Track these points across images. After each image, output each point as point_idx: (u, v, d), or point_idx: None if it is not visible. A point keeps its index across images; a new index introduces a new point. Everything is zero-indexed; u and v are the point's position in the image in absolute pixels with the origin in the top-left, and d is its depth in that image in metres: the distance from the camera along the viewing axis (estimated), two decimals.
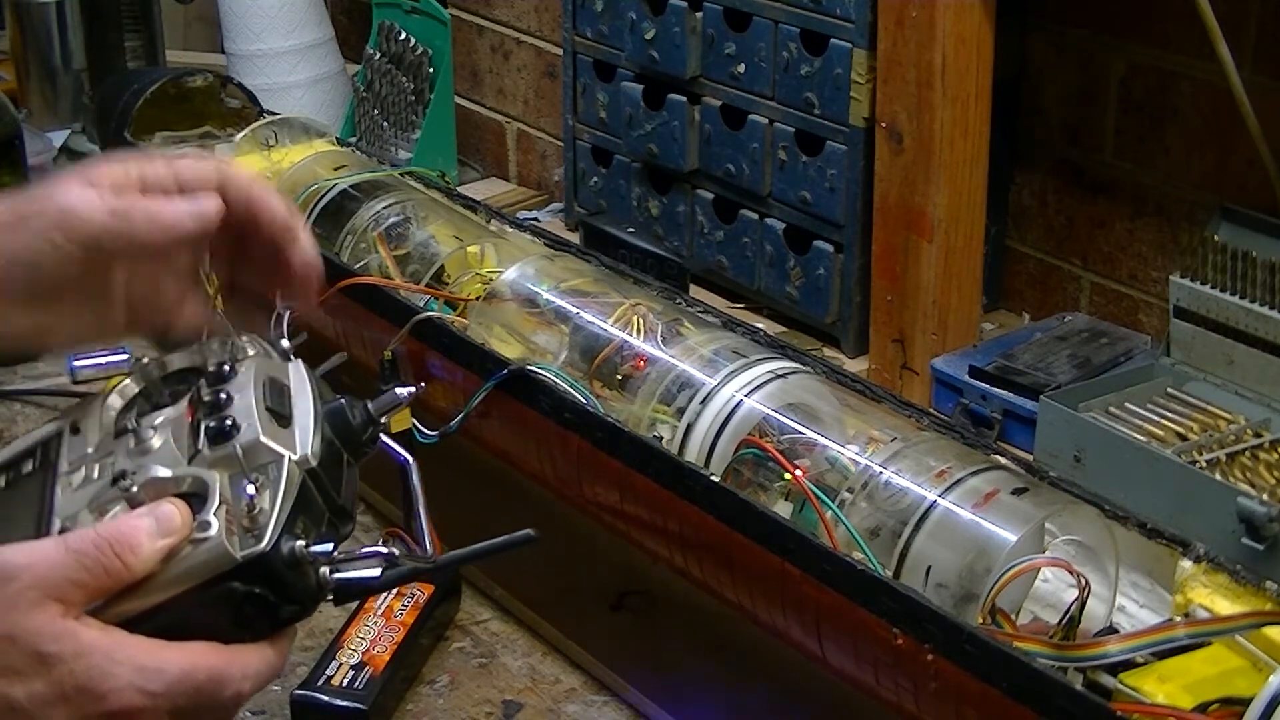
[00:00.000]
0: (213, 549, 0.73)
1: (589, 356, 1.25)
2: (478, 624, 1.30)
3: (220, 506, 0.74)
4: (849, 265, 1.74)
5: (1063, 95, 1.72)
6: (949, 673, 0.92)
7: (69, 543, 0.73)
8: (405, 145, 2.24)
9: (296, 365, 0.84)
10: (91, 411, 0.84)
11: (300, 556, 0.75)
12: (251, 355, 0.84)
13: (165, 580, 0.74)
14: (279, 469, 0.76)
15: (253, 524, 0.74)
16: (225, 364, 0.81)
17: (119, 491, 0.76)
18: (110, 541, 0.72)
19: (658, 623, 1.24)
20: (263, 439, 0.76)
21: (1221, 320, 1.47)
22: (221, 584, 0.74)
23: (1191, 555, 0.97)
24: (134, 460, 0.78)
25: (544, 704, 1.21)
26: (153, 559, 0.73)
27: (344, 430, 0.82)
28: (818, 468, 1.10)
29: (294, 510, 0.75)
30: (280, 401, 0.79)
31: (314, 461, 0.77)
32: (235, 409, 0.78)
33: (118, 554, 0.72)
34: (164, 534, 0.73)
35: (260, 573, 0.74)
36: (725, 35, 1.81)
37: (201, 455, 0.77)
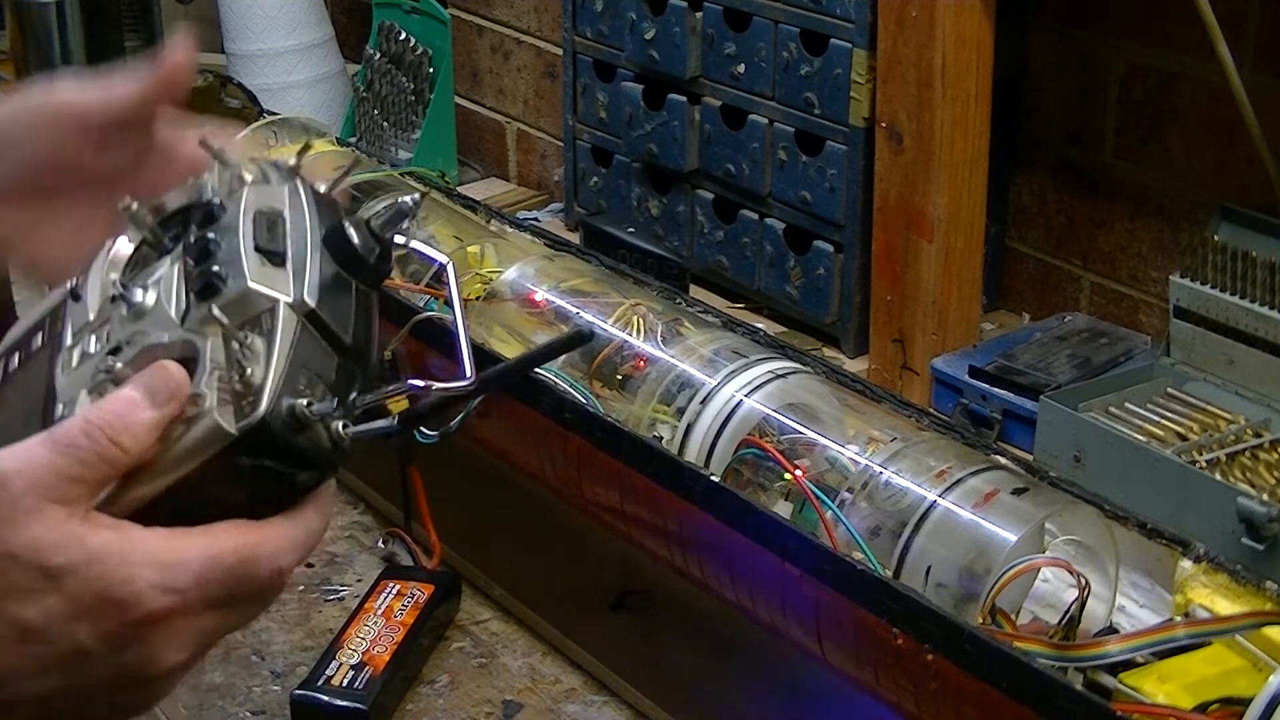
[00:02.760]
0: (205, 425, 0.66)
1: (589, 356, 1.25)
2: (478, 624, 1.30)
3: (213, 373, 0.67)
4: (849, 265, 1.74)
5: (1063, 95, 1.72)
6: (949, 673, 0.92)
7: (56, 437, 0.66)
8: (405, 145, 2.24)
9: (294, 186, 0.74)
10: (94, 274, 0.76)
11: (303, 417, 0.67)
12: (247, 183, 0.75)
13: (167, 462, 0.67)
14: (273, 318, 0.68)
15: (247, 389, 0.67)
16: (214, 200, 0.73)
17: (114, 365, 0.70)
18: (100, 426, 0.66)
19: (658, 623, 1.24)
20: (251, 285, 0.68)
21: (1221, 320, 1.47)
22: (225, 459, 0.67)
23: (1191, 555, 0.97)
24: (128, 328, 0.71)
25: (544, 704, 1.21)
26: (149, 435, 0.66)
27: (347, 255, 0.72)
28: (818, 468, 1.10)
29: (295, 362, 0.68)
30: (273, 236, 0.71)
31: (312, 302, 0.69)
32: (223, 255, 0.70)
33: (111, 438, 0.66)
34: (157, 404, 0.66)
35: (263, 443, 0.67)
36: (725, 35, 1.81)
37: (192, 314, 0.69)
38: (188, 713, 1.20)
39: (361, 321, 0.73)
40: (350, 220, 0.73)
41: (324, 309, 0.70)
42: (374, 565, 1.37)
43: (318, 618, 1.32)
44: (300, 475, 0.69)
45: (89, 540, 0.65)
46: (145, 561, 0.65)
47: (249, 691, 1.23)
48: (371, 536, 1.42)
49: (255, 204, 0.72)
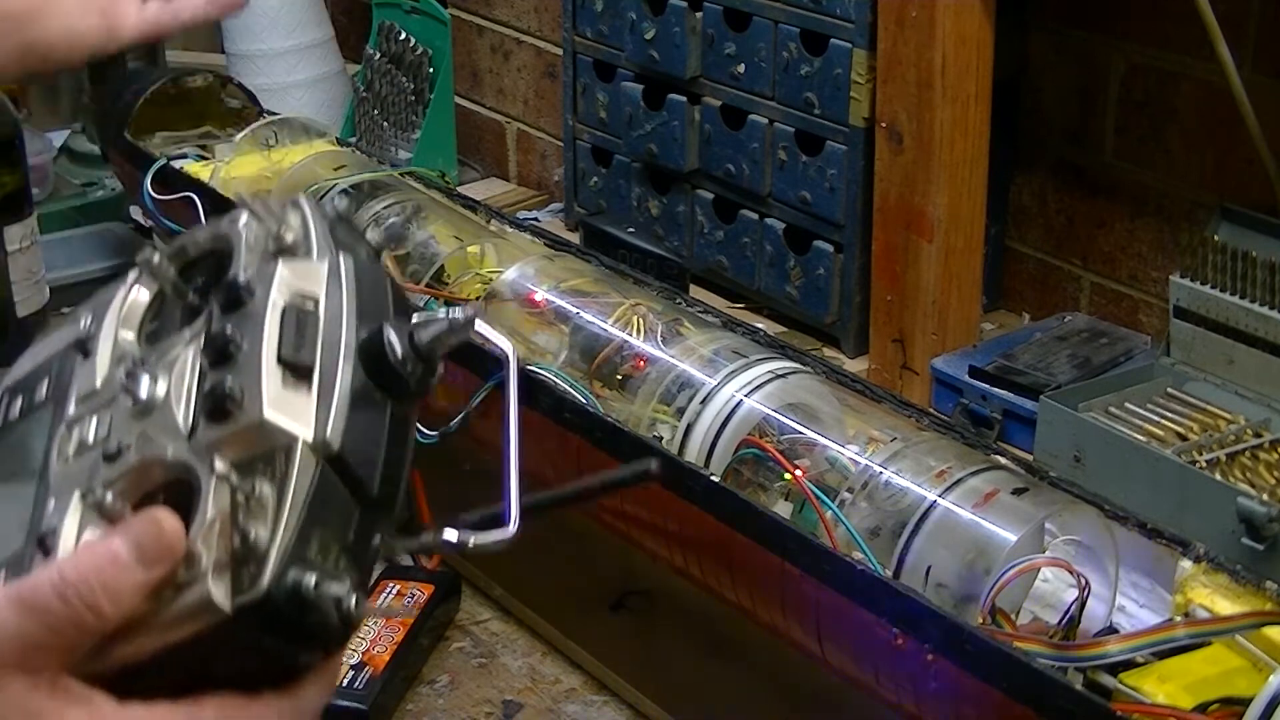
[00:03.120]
0: (197, 594, 0.57)
1: (589, 356, 1.25)
2: (478, 624, 1.30)
3: (213, 525, 0.58)
4: (849, 265, 1.74)
5: (1063, 95, 1.72)
6: (949, 673, 0.92)
7: (25, 598, 0.58)
8: (405, 145, 2.24)
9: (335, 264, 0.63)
10: (107, 325, 0.67)
11: (309, 597, 0.57)
12: (287, 243, 0.64)
13: (153, 625, 0.59)
14: (288, 461, 0.58)
15: (249, 554, 0.57)
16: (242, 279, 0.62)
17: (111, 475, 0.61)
18: (77, 586, 0.57)
19: (658, 623, 1.24)
20: (268, 418, 0.58)
21: (1221, 320, 1.47)
22: (218, 632, 0.58)
23: (1191, 555, 0.97)
24: (131, 427, 0.62)
25: (544, 704, 1.21)
26: (131, 600, 0.58)
27: (384, 370, 0.62)
28: (818, 468, 1.10)
29: (307, 523, 0.58)
30: (301, 341, 0.60)
31: (336, 445, 0.59)
32: (241, 362, 0.60)
33: (88, 603, 0.57)
34: (145, 564, 0.58)
35: (261, 620, 0.58)
36: (725, 35, 1.81)
37: (198, 434, 0.60)
38: None
39: (393, 454, 0.62)
40: (393, 328, 0.62)
41: (349, 449, 0.60)
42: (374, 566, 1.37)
43: None
44: (302, 655, 0.61)
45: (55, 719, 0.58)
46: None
47: None
48: None
49: (288, 290, 0.62)
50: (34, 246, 1.73)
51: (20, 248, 1.70)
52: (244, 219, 0.66)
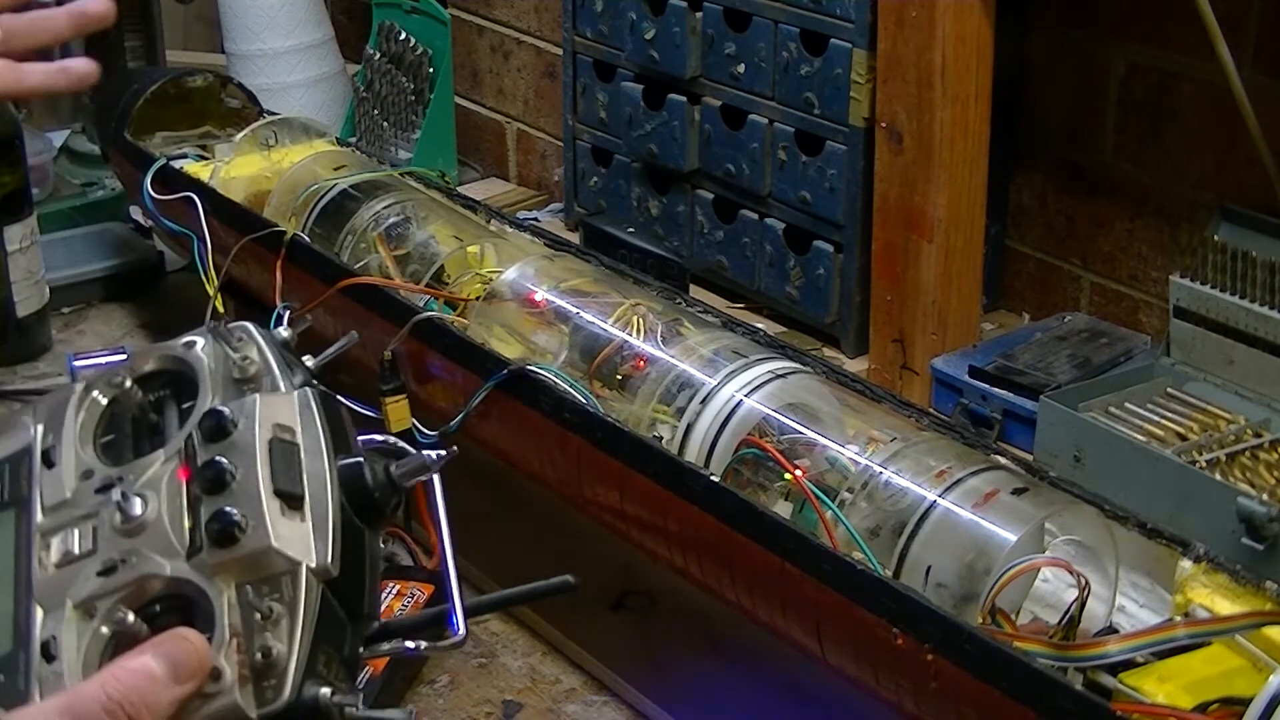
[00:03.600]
0: (224, 705, 0.64)
1: (589, 356, 1.25)
2: (478, 624, 1.30)
3: (231, 642, 0.64)
4: (849, 265, 1.74)
5: (1063, 95, 1.72)
6: (949, 673, 0.92)
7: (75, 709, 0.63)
8: (405, 145, 2.24)
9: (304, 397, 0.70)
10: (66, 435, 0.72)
11: (325, 708, 0.64)
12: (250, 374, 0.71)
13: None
14: (295, 585, 0.65)
15: (269, 669, 0.64)
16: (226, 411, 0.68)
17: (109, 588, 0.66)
18: (121, 703, 0.63)
19: (658, 623, 1.24)
20: (274, 545, 0.65)
21: (1221, 320, 1.47)
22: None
23: (1191, 555, 0.97)
24: (122, 543, 0.67)
25: (544, 704, 1.21)
26: (168, 713, 0.63)
27: (363, 502, 0.69)
28: (818, 468, 1.10)
29: (315, 639, 0.65)
30: (290, 475, 0.67)
31: (335, 570, 0.66)
32: (239, 492, 0.66)
33: (130, 715, 0.63)
34: (179, 681, 0.63)
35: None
36: (725, 35, 1.81)
37: (201, 557, 0.66)
38: None
39: (371, 574, 0.70)
40: (368, 463, 0.70)
41: (343, 572, 0.67)
42: None
43: None
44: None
45: None
46: None
47: None
48: None
49: (269, 422, 0.68)
50: (34, 246, 1.73)
51: (20, 248, 1.70)
52: (201, 342, 0.73)
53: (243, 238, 1.48)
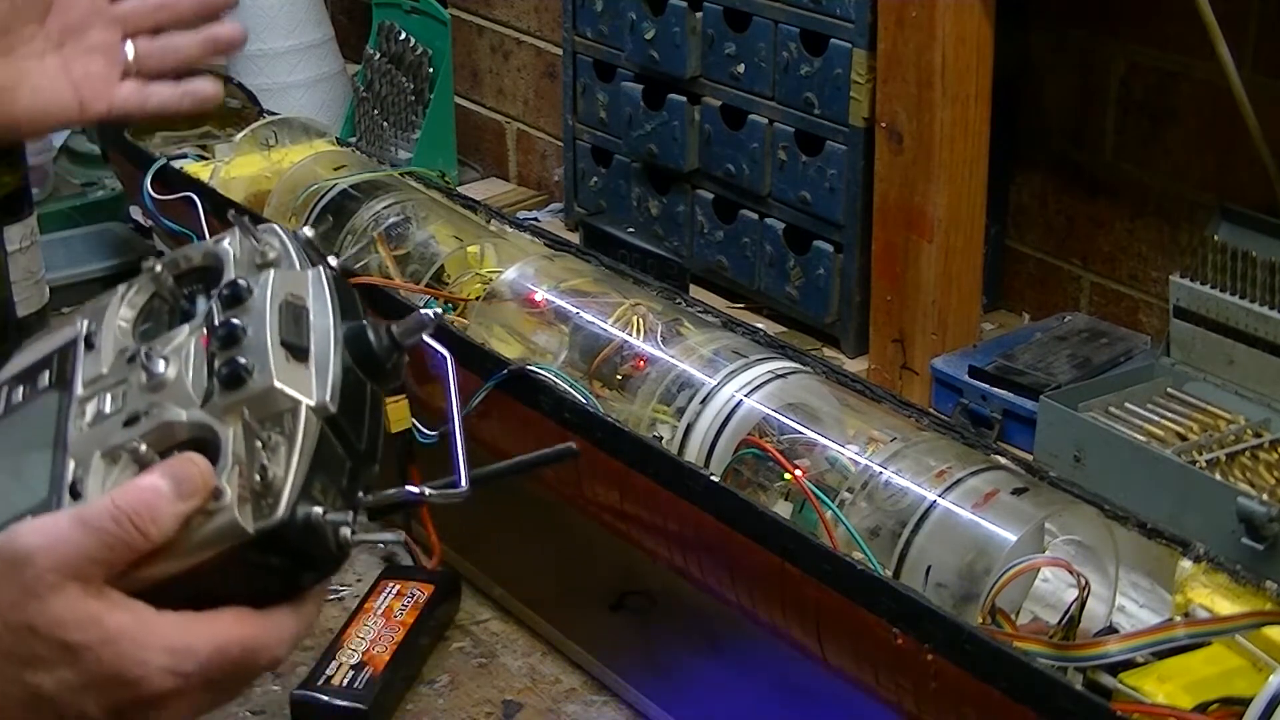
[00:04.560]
0: (224, 521, 0.69)
1: (589, 356, 1.25)
2: (478, 624, 1.30)
3: (233, 468, 0.70)
4: (849, 265, 1.74)
5: (1063, 95, 1.72)
6: (949, 673, 0.92)
7: (85, 518, 0.69)
8: (405, 145, 2.24)
9: (317, 274, 0.77)
10: (106, 323, 0.79)
11: (317, 525, 0.70)
12: (270, 259, 0.78)
13: (183, 549, 0.70)
14: (295, 419, 0.71)
15: (266, 490, 0.70)
16: (241, 281, 0.76)
17: (132, 436, 0.72)
18: (129, 513, 0.69)
19: (658, 623, 1.24)
20: (277, 385, 0.71)
21: (1221, 320, 1.47)
22: (238, 553, 0.70)
23: (1191, 555, 0.97)
24: (146, 398, 0.73)
25: (544, 704, 1.21)
26: (172, 526, 0.69)
27: (366, 357, 0.75)
28: (818, 468, 1.10)
29: (312, 468, 0.70)
30: (297, 329, 0.74)
31: (334, 407, 0.72)
32: (249, 344, 0.73)
33: (137, 526, 0.69)
34: (183, 497, 0.69)
35: (275, 543, 0.70)
36: (725, 35, 1.81)
37: (213, 401, 0.72)
38: None
39: (373, 423, 0.75)
40: (371, 325, 0.76)
41: (342, 413, 0.72)
42: (374, 565, 1.37)
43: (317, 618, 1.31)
44: (305, 575, 0.73)
45: (107, 621, 0.69)
46: (158, 646, 0.69)
47: (249, 691, 1.23)
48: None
49: (282, 290, 0.75)
50: (34, 246, 1.73)
51: (20, 248, 1.70)
52: (229, 239, 0.80)
53: None
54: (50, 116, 1.10)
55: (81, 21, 1.11)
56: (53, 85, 1.09)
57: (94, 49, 1.11)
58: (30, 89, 1.08)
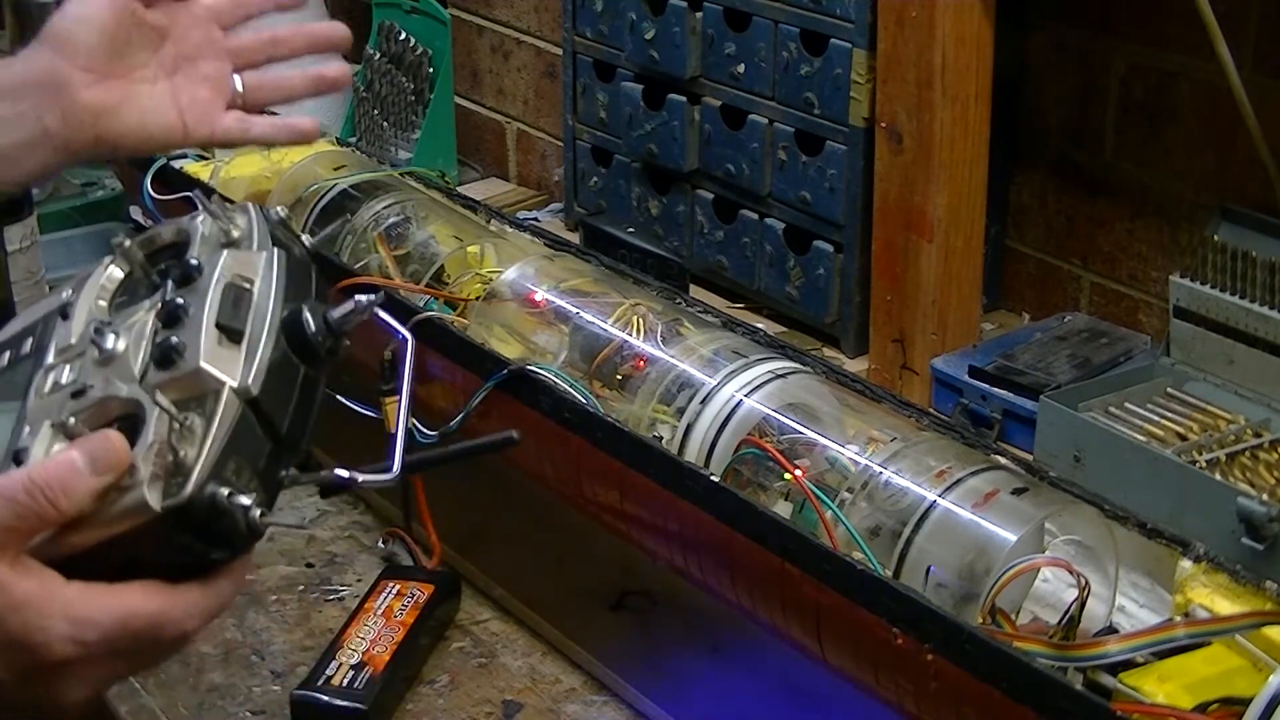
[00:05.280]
0: (134, 498, 0.72)
1: (589, 356, 1.25)
2: (478, 624, 1.30)
3: (152, 446, 0.73)
4: (849, 265, 1.74)
5: (1063, 95, 1.72)
6: (949, 673, 0.92)
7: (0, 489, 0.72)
8: (405, 145, 2.24)
9: (270, 256, 0.80)
10: (84, 295, 0.83)
11: (222, 506, 0.73)
12: (234, 238, 0.81)
13: (96, 522, 0.73)
14: (216, 401, 0.74)
15: (178, 469, 0.73)
16: (194, 261, 0.79)
17: (75, 408, 0.75)
18: (41, 486, 0.72)
19: (658, 623, 1.24)
20: (203, 365, 0.74)
21: (1221, 320, 1.47)
22: (148, 529, 0.73)
23: (1191, 555, 0.97)
24: (96, 372, 0.77)
25: (544, 704, 1.21)
26: (84, 500, 0.72)
27: (300, 342, 0.78)
28: (818, 468, 1.10)
29: (227, 449, 0.73)
30: (236, 312, 0.77)
31: (255, 390, 0.75)
32: (187, 325, 0.76)
33: (49, 498, 0.72)
34: (97, 473, 0.72)
35: (182, 522, 0.73)
36: (725, 35, 1.81)
37: (148, 378, 0.75)
38: (188, 713, 1.21)
39: (302, 407, 0.78)
40: (309, 308, 0.78)
41: (266, 396, 0.75)
42: (374, 565, 1.37)
43: (318, 618, 1.32)
44: (214, 553, 0.75)
45: (14, 589, 0.72)
46: (61, 615, 0.72)
47: (249, 691, 1.23)
48: (371, 536, 1.42)
49: (230, 271, 0.78)
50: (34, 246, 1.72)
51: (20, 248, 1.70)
52: (201, 217, 0.83)
53: None
54: (153, 139, 1.13)
55: (195, 51, 1.15)
56: (159, 108, 1.12)
57: (204, 78, 1.15)
58: (137, 110, 1.11)
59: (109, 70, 1.10)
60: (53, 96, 1.07)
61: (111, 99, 1.10)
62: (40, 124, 1.07)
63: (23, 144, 1.07)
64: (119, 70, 1.10)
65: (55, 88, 1.08)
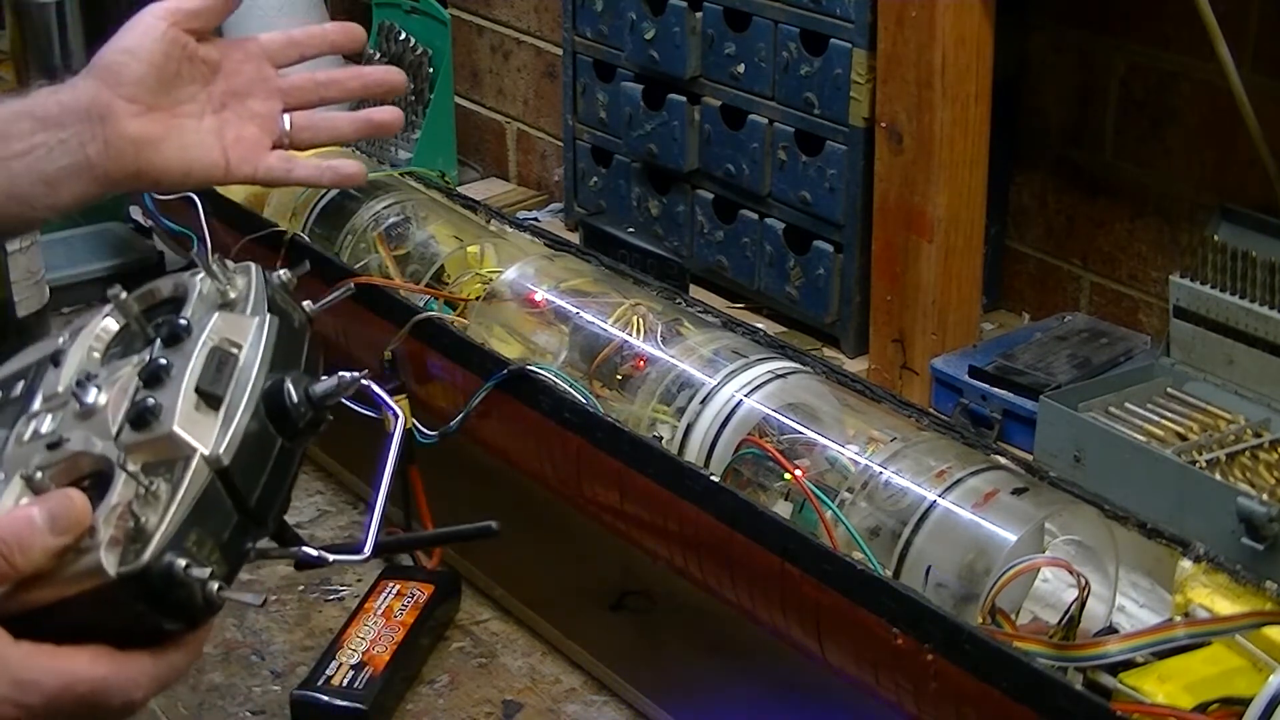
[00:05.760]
0: (90, 560, 0.71)
1: (589, 356, 1.25)
2: (478, 624, 1.30)
3: (115, 509, 0.72)
4: (849, 265, 1.74)
5: (1063, 95, 1.72)
6: (949, 673, 0.92)
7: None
8: (405, 145, 2.24)
9: (261, 322, 0.79)
10: (78, 343, 0.82)
11: (179, 578, 0.71)
12: (230, 299, 0.80)
13: (51, 582, 0.72)
14: (185, 468, 0.73)
15: (138, 534, 0.71)
16: (183, 321, 0.78)
17: (47, 460, 0.75)
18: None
19: (658, 623, 1.24)
20: (176, 430, 0.73)
21: (1221, 320, 1.47)
22: (102, 594, 0.72)
23: (1191, 555, 0.97)
24: (73, 425, 0.76)
25: (544, 704, 1.21)
26: (39, 558, 0.71)
27: (279, 413, 0.77)
28: (818, 468, 1.10)
29: (190, 519, 0.72)
30: (218, 378, 0.75)
31: (226, 460, 0.73)
32: (168, 386, 0.75)
33: (3, 554, 0.71)
34: (55, 532, 0.71)
35: (137, 589, 0.71)
36: (725, 35, 1.81)
37: (122, 437, 0.74)
38: (188, 712, 1.21)
39: (274, 480, 0.77)
40: (293, 380, 0.77)
41: (237, 467, 0.74)
42: (374, 565, 1.37)
43: (318, 618, 1.32)
44: (167, 623, 0.74)
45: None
46: (4, 676, 0.71)
47: (249, 691, 1.23)
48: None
49: (218, 334, 0.77)
50: (34, 246, 1.73)
51: (20, 248, 1.70)
52: (201, 275, 0.82)
53: (243, 238, 1.48)
54: (193, 174, 1.11)
55: (245, 89, 1.14)
56: (203, 143, 1.10)
57: (253, 116, 1.14)
58: (180, 145, 1.09)
59: (155, 103, 1.08)
60: (96, 126, 1.06)
61: (155, 132, 1.08)
62: (82, 153, 1.05)
63: (63, 172, 1.05)
64: (165, 104, 1.09)
65: (99, 117, 1.06)
